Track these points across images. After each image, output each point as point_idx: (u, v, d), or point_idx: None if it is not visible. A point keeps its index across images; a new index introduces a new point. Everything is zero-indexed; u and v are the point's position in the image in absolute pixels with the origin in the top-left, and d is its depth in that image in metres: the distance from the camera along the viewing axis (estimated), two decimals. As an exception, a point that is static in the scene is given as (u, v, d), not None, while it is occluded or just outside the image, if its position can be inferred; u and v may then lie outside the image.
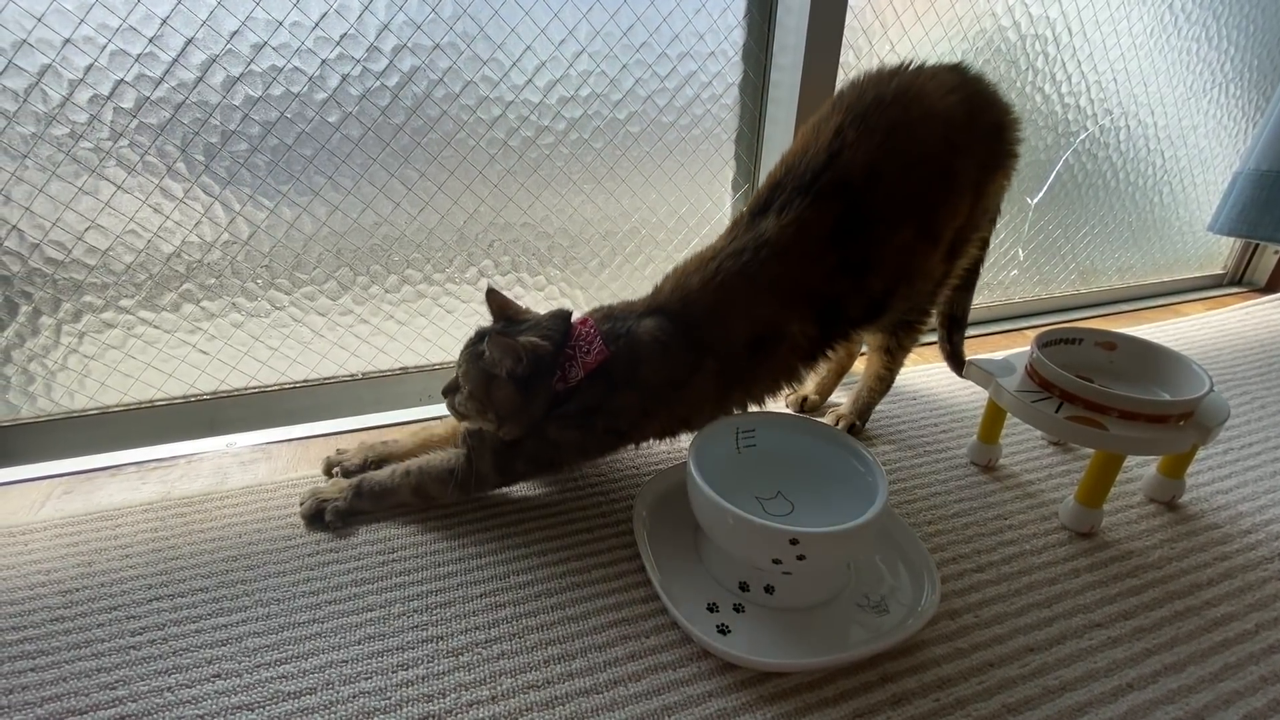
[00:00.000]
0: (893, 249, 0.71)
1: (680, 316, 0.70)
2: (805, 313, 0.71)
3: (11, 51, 0.71)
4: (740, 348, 0.70)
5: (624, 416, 0.71)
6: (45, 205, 0.78)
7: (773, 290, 0.70)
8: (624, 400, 0.70)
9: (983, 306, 1.34)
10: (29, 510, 0.75)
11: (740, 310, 0.70)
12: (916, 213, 0.71)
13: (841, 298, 0.72)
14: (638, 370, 0.69)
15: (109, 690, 0.54)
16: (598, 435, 0.72)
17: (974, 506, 0.78)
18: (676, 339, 0.69)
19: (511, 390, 0.70)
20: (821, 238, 0.69)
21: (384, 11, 0.82)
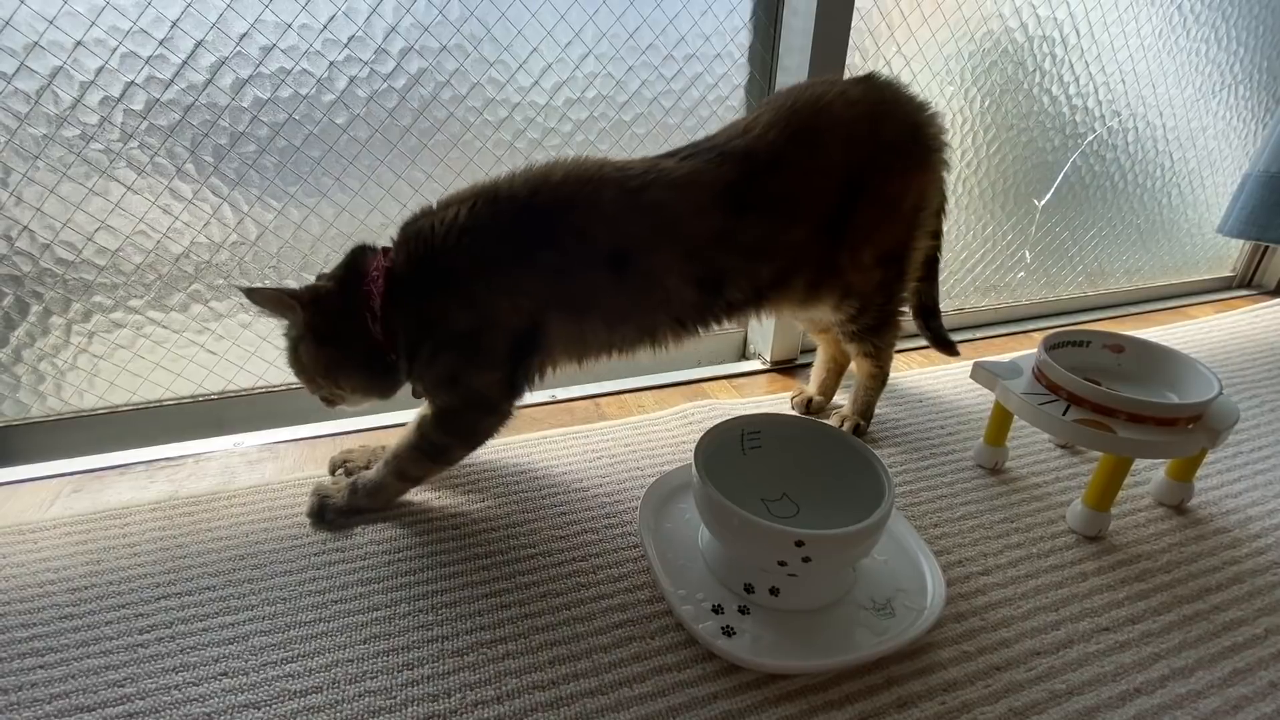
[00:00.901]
0: (786, 243, 0.73)
1: (520, 204, 0.65)
2: (683, 268, 0.69)
3: (24, 54, 0.72)
4: (600, 260, 0.67)
5: (462, 317, 0.66)
6: (56, 206, 0.79)
7: (650, 213, 0.67)
8: (445, 304, 0.66)
9: (989, 309, 1.33)
10: (38, 509, 0.76)
11: (606, 215, 0.66)
12: (816, 215, 0.73)
13: (726, 273, 0.71)
14: (436, 267, 0.65)
15: (117, 688, 0.54)
16: (469, 344, 0.67)
17: (980, 509, 0.78)
18: (496, 226, 0.65)
19: (315, 348, 0.68)
20: (713, 192, 0.68)
21: (391, 14, 0.82)
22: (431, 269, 0.66)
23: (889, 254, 0.79)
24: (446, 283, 0.66)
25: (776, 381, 1.10)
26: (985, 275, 1.31)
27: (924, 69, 1.07)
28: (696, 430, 0.91)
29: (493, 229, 0.66)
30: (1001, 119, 1.17)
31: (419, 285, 0.66)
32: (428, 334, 0.67)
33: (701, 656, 0.58)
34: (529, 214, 0.66)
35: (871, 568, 0.66)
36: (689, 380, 1.09)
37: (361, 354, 0.69)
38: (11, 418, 0.87)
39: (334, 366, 0.69)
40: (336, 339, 0.68)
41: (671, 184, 0.68)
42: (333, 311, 0.67)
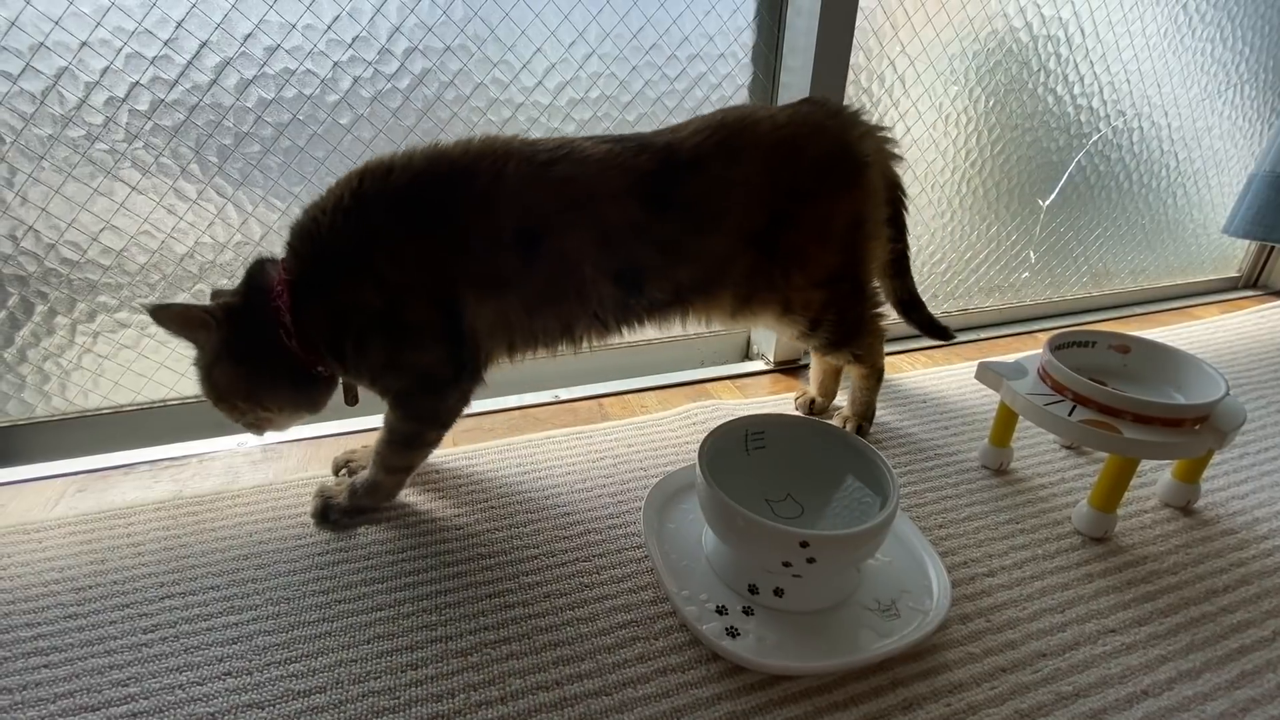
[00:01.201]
0: (707, 250, 0.71)
1: (415, 174, 0.63)
2: (598, 257, 0.67)
3: (29, 54, 0.72)
4: (506, 235, 0.64)
5: (371, 297, 0.63)
6: (61, 206, 0.79)
7: (560, 189, 0.65)
8: (350, 289, 0.63)
9: (993, 309, 1.33)
10: (43, 508, 0.76)
11: (510, 188, 0.63)
12: (739, 229, 0.71)
13: (645, 270, 0.70)
14: (329, 257, 0.63)
15: (121, 687, 0.54)
16: (389, 323, 0.64)
17: (985, 510, 0.77)
18: (386, 198, 0.63)
19: (233, 368, 0.65)
20: (629, 179, 0.66)
21: (395, 14, 0.82)
22: (326, 261, 0.64)
23: (830, 276, 0.77)
24: (343, 267, 0.63)
25: (780, 382, 1.09)
26: (989, 275, 1.31)
27: (928, 68, 1.07)
28: (700, 430, 0.91)
29: (382, 200, 0.63)
30: (1006, 119, 1.17)
31: (319, 282, 0.64)
32: (344, 327, 0.65)
33: (705, 658, 0.58)
34: (425, 184, 0.63)
35: (876, 569, 0.66)
36: (692, 381, 1.09)
37: (283, 369, 0.67)
38: (16, 417, 0.87)
39: (256, 387, 0.67)
40: (254, 357, 0.66)
41: (584, 161, 0.65)
42: (247, 328, 0.65)
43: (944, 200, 1.20)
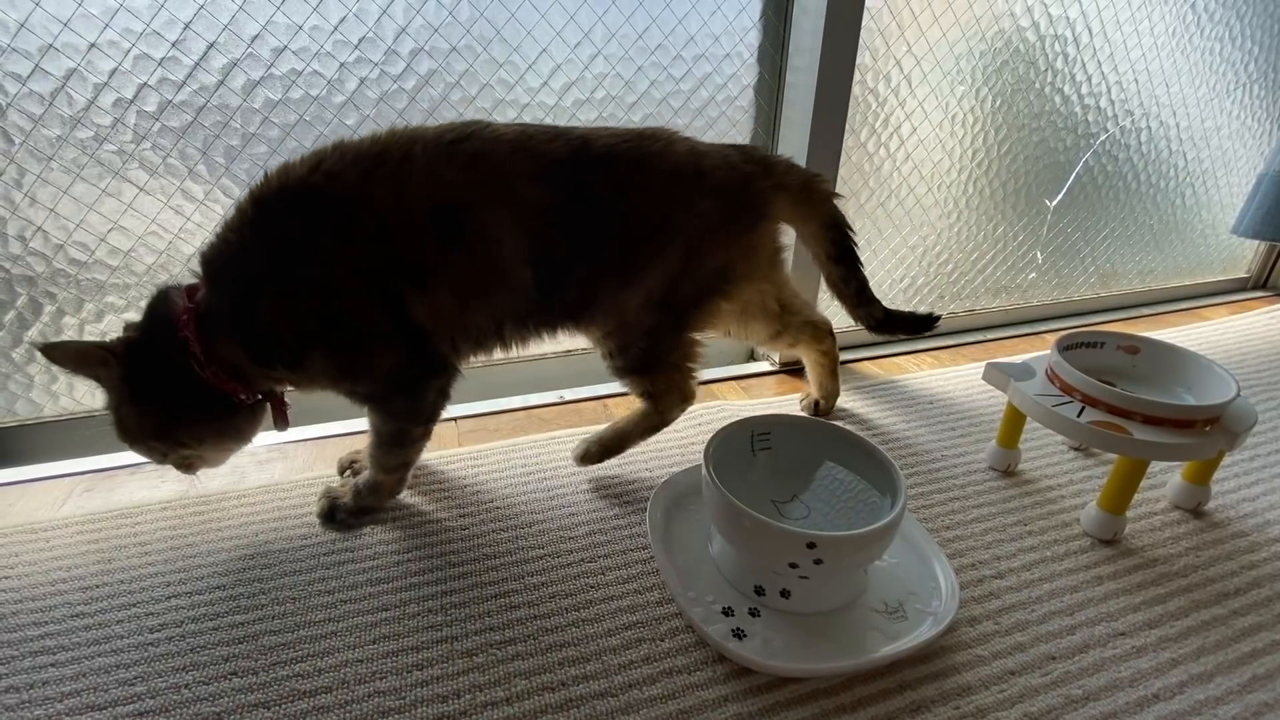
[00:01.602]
0: (603, 251, 0.68)
1: (312, 174, 0.60)
2: (517, 240, 0.64)
3: (38, 56, 0.73)
4: (424, 218, 0.61)
5: (296, 310, 0.62)
6: (69, 207, 0.80)
7: (473, 164, 0.62)
8: (271, 309, 0.61)
9: (1000, 310, 1.32)
10: (51, 507, 0.76)
11: (421, 168, 0.61)
12: (623, 238, 0.69)
13: (558, 261, 0.67)
14: (242, 278, 0.61)
15: (127, 686, 0.54)
16: (328, 333, 0.63)
17: (993, 512, 0.77)
18: (287, 204, 0.60)
19: (137, 406, 0.62)
20: (542, 162, 0.64)
21: (402, 15, 0.82)
22: (243, 280, 0.61)
23: (668, 303, 0.73)
24: (264, 283, 0.61)
25: (785, 383, 1.09)
26: (996, 276, 1.30)
27: (934, 68, 1.07)
28: (705, 431, 0.91)
29: (286, 203, 0.60)
30: (1013, 119, 1.16)
31: (241, 303, 0.61)
32: (279, 345, 0.63)
33: (712, 659, 0.58)
34: (331, 176, 0.60)
35: (883, 570, 0.66)
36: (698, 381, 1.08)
37: (197, 402, 0.64)
38: (25, 417, 0.88)
39: (168, 424, 0.64)
40: (163, 393, 0.63)
41: (496, 139, 0.64)
42: (152, 363, 0.62)
43: (950, 201, 1.19)
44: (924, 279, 1.25)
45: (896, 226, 1.18)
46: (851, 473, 0.68)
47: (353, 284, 0.62)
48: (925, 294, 1.26)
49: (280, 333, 0.62)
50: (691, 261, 0.71)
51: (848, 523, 0.63)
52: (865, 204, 1.13)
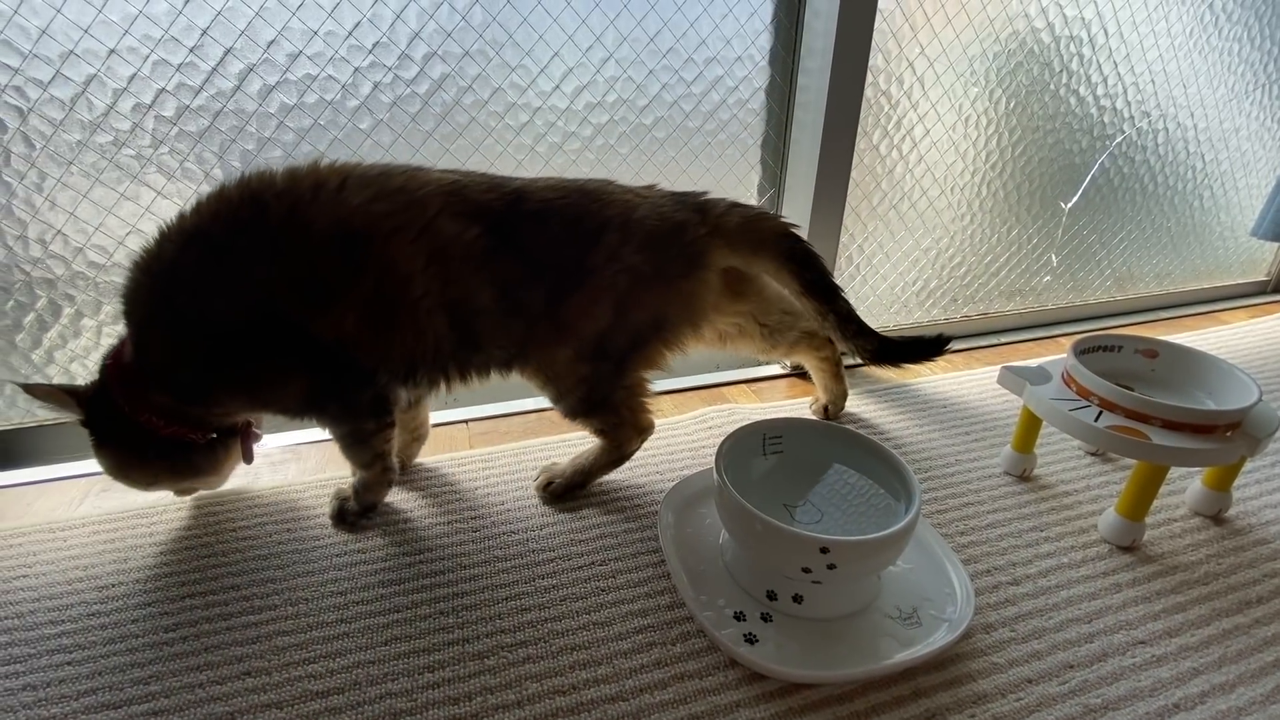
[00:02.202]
0: (528, 305, 0.67)
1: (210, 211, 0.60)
2: (434, 287, 0.62)
3: (59, 62, 0.74)
4: (328, 242, 0.60)
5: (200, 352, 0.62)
6: (88, 210, 0.81)
7: (392, 195, 0.61)
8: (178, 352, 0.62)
9: (1014, 313, 1.31)
10: (68, 507, 0.77)
11: (330, 198, 0.60)
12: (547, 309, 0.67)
13: (486, 315, 0.65)
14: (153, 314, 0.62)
15: (143, 685, 0.55)
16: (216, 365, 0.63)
17: (1009, 518, 0.76)
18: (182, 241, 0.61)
19: (97, 448, 0.65)
20: (471, 206, 0.63)
21: (415, 20, 0.83)
22: (140, 327, 0.63)
23: (603, 353, 0.71)
24: (152, 329, 0.63)
25: (796, 386, 1.09)
26: (1010, 279, 1.29)
27: (947, 70, 1.06)
28: (715, 435, 0.91)
29: (173, 244, 0.61)
30: (1027, 120, 1.15)
31: (140, 351, 0.63)
32: (180, 388, 0.64)
33: (723, 664, 0.57)
34: (231, 208, 0.61)
35: (897, 576, 0.65)
36: (707, 385, 1.08)
37: (149, 445, 0.66)
38: (43, 418, 0.89)
39: (126, 466, 0.67)
40: (114, 438, 0.65)
41: (427, 181, 0.63)
42: (102, 411, 0.64)
43: (964, 203, 1.18)
44: (936, 282, 1.24)
45: (909, 229, 1.17)
46: (864, 477, 0.68)
47: (238, 319, 0.61)
48: (938, 297, 1.25)
49: (179, 374, 0.63)
50: (622, 315, 0.69)
51: (861, 527, 0.63)
52: (878, 206, 1.13)
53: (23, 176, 0.77)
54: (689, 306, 0.73)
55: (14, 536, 0.71)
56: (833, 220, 1.03)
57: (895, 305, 1.23)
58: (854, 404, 0.99)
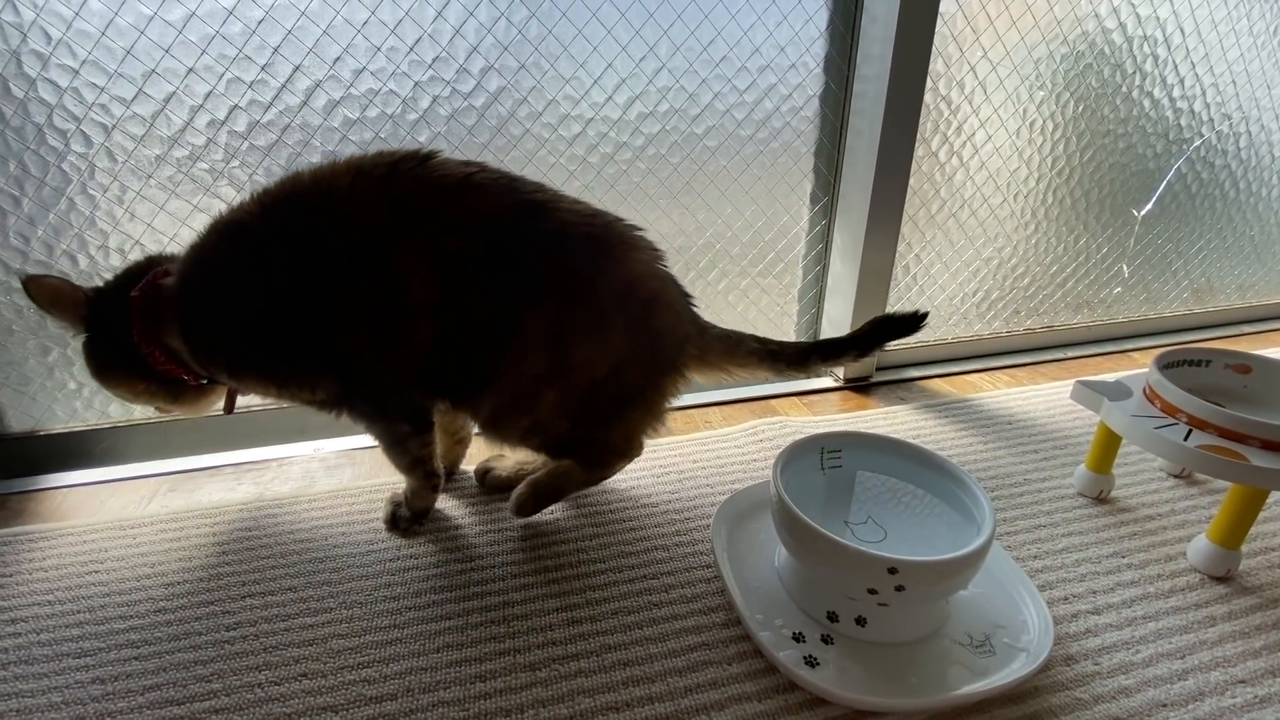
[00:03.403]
0: (523, 330, 0.61)
1: (267, 207, 0.61)
2: (427, 291, 0.59)
3: (142, 80, 0.78)
4: (333, 251, 0.59)
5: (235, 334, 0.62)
6: (165, 222, 0.84)
7: (399, 204, 0.59)
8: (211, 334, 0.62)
9: (1081, 326, 1.25)
10: (138, 505, 0.80)
11: (344, 198, 0.59)
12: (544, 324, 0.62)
13: (467, 328, 0.61)
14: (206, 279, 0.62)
15: (205, 683, 0.55)
16: (267, 369, 0.64)
17: (1086, 542, 0.71)
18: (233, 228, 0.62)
19: (89, 347, 0.65)
20: (481, 217, 0.59)
21: (473, 34, 0.85)
22: (195, 292, 0.63)
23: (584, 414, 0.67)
24: (207, 301, 0.63)
25: (850, 399, 1.05)
26: (1078, 291, 1.23)
27: (1011, 74, 1.02)
28: (767, 447, 0.88)
29: (233, 237, 0.62)
30: (1097, 124, 1.10)
31: (186, 309, 0.63)
32: (213, 363, 0.64)
33: (782, 687, 0.55)
34: (258, 214, 0.61)
35: (966, 601, 0.61)
36: (757, 396, 1.06)
37: (140, 367, 0.65)
38: (117, 419, 0.93)
39: (110, 371, 0.67)
40: (110, 345, 0.65)
41: (435, 185, 0.60)
42: (107, 318, 0.64)
43: (1028, 211, 1.14)
44: (998, 293, 1.19)
45: (969, 238, 1.13)
46: (930, 494, 0.64)
47: (282, 318, 0.61)
48: (1000, 308, 1.20)
49: (216, 346, 0.64)
50: (614, 376, 0.65)
51: (929, 547, 0.60)
52: (936, 215, 1.09)
53: (105, 189, 0.81)
54: (659, 400, 0.70)
55: (88, 533, 0.73)
56: (890, 229, 1.00)
57: (954, 317, 1.18)
58: (912, 419, 0.96)
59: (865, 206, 0.98)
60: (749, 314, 1.10)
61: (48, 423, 0.91)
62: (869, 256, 1.01)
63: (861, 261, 1.01)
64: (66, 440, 0.90)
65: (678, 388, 0.70)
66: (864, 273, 1.02)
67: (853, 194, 1.01)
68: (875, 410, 1.00)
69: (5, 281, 0.83)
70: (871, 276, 1.03)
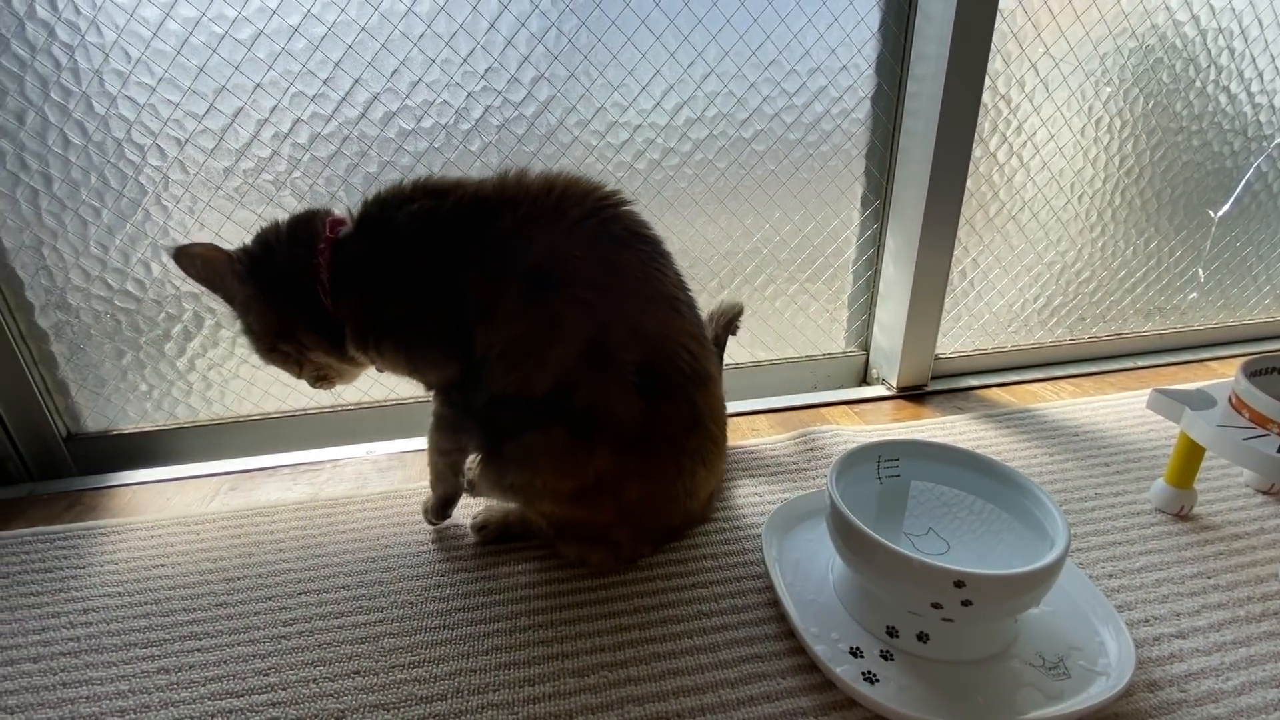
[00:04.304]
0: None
1: (475, 205, 0.61)
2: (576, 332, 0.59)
3: (213, 96, 0.82)
4: (524, 265, 0.59)
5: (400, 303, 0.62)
6: (231, 231, 0.88)
7: (604, 263, 0.60)
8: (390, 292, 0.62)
9: (1153, 334, 1.18)
10: (201, 503, 0.83)
11: (552, 230, 0.59)
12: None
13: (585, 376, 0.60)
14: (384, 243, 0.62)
15: (262, 676, 0.56)
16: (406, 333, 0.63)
17: (1166, 561, 0.67)
18: (443, 222, 0.61)
19: (261, 308, 0.65)
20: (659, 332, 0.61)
21: (525, 44, 0.86)
22: (383, 253, 0.63)
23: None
24: (393, 266, 0.62)
25: (904, 409, 1.02)
26: (1149, 296, 1.17)
27: (1075, 70, 0.98)
28: (817, 456, 0.86)
29: (441, 219, 0.61)
30: (1169, 121, 1.05)
31: (369, 269, 0.63)
32: (372, 322, 0.64)
33: (839, 704, 0.53)
34: (480, 206, 0.61)
35: (1036, 620, 0.58)
36: (805, 405, 1.04)
37: (319, 319, 0.65)
38: (183, 420, 0.97)
39: (290, 328, 0.66)
40: (286, 301, 0.65)
41: (648, 270, 0.61)
42: (280, 274, 0.64)
43: (1094, 213, 1.09)
44: (1062, 299, 1.14)
45: (1030, 242, 1.08)
46: (995, 506, 0.61)
47: (448, 304, 0.62)
48: (1063, 315, 1.15)
49: (378, 314, 0.64)
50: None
51: (998, 561, 0.57)
52: (994, 217, 1.05)
53: (178, 200, 0.86)
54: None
55: (155, 528, 0.76)
56: (945, 233, 0.97)
57: (1014, 324, 1.14)
58: (970, 430, 0.92)
59: (920, 210, 0.95)
60: (797, 320, 1.08)
61: (120, 423, 0.95)
62: (924, 261, 0.98)
63: (916, 266, 0.98)
64: (137, 440, 0.95)
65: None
66: (918, 278, 0.99)
67: (906, 197, 0.98)
68: (931, 420, 0.97)
69: (85, 289, 0.87)
70: (926, 282, 0.99)
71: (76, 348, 0.90)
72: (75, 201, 0.83)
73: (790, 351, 1.09)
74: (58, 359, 0.90)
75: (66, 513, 0.82)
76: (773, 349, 1.09)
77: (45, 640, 0.61)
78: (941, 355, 1.10)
